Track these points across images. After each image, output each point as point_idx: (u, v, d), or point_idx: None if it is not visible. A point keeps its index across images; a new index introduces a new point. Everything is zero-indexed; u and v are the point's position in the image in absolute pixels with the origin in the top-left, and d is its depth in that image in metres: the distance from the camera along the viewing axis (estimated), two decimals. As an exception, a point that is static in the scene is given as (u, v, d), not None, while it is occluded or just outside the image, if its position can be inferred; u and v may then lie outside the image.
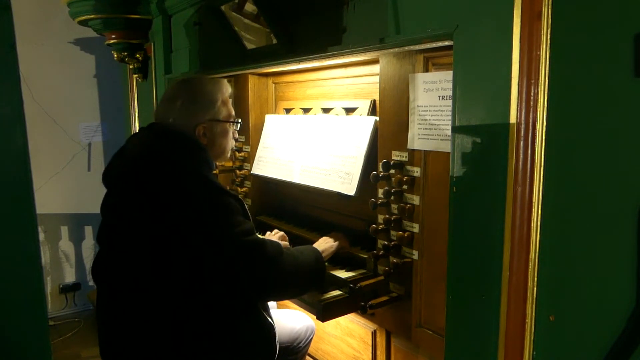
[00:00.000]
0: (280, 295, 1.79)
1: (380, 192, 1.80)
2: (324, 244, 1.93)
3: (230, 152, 1.85)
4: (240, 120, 1.87)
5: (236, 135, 1.87)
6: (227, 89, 1.80)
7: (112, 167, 1.71)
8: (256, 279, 1.56)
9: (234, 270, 1.53)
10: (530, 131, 1.15)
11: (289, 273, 1.62)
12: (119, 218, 1.64)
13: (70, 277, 4.32)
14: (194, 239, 1.49)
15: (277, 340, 1.78)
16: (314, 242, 1.97)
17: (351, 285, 1.77)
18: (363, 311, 1.75)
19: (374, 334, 2.06)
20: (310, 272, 1.72)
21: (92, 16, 3.04)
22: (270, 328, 1.73)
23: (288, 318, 2.11)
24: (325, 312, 1.79)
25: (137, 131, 1.82)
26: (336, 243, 1.96)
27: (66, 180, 4.18)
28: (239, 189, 2.70)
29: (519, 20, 1.15)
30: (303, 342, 2.09)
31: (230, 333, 1.61)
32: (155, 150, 1.61)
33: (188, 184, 1.54)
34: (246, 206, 1.66)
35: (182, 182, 1.54)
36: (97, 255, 1.72)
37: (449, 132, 1.45)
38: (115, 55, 3.35)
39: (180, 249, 1.51)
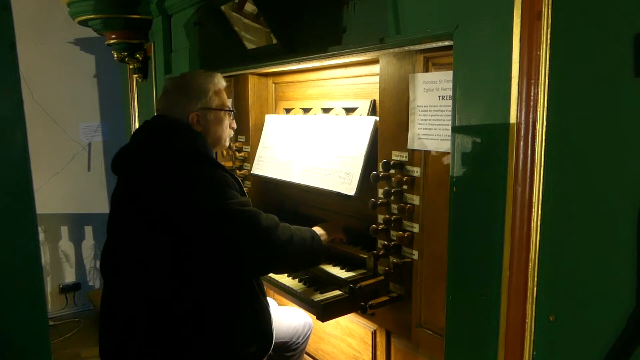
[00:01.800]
0: (276, 267, 1.79)
1: (380, 192, 1.80)
2: (320, 230, 1.96)
3: (227, 141, 1.94)
4: (234, 109, 1.95)
5: (233, 125, 1.95)
6: (220, 80, 1.89)
7: (119, 155, 1.80)
8: (253, 248, 1.59)
9: (230, 240, 1.56)
10: (530, 131, 1.15)
11: (284, 243, 1.65)
12: (123, 203, 1.72)
13: (70, 277, 4.32)
14: (190, 212, 1.55)
15: (273, 327, 1.81)
16: None
17: (351, 285, 1.77)
18: (363, 311, 1.75)
19: (374, 334, 2.06)
20: (308, 248, 1.76)
21: (92, 16, 3.04)
22: (266, 313, 1.77)
23: (286, 315, 2.13)
24: (325, 312, 1.79)
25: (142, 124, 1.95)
26: (328, 235, 1.98)
27: (66, 180, 4.18)
28: (239, 189, 2.70)
29: (519, 20, 1.15)
30: (301, 338, 2.11)
31: (227, 319, 1.64)
32: (154, 136, 1.73)
33: (183, 160, 1.63)
34: (242, 184, 1.74)
35: (177, 159, 1.63)
36: (105, 245, 1.78)
37: (449, 132, 1.45)
38: (115, 55, 3.35)
39: (178, 223, 1.56)
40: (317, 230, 1.93)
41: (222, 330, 1.63)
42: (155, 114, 1.85)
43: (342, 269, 1.96)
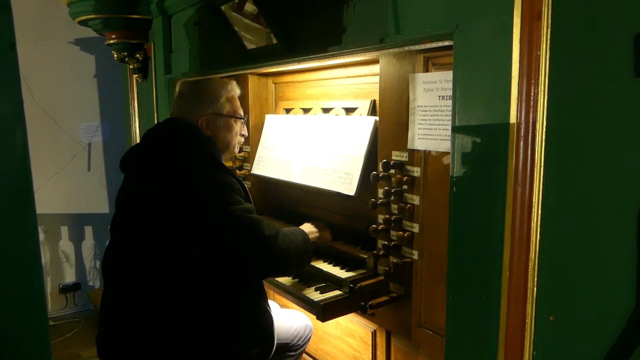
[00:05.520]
0: (275, 273, 1.83)
1: (380, 192, 1.80)
2: (309, 227, 1.99)
3: (236, 148, 1.96)
4: (244, 117, 1.97)
5: (244, 132, 1.97)
6: (233, 88, 1.92)
7: (129, 154, 1.83)
8: (254, 255, 1.60)
9: (232, 246, 1.56)
10: (530, 131, 1.15)
11: (284, 251, 1.67)
12: (128, 202, 1.73)
13: (70, 277, 4.32)
14: (195, 214, 1.55)
15: (275, 329, 1.82)
16: None
17: (351, 285, 1.78)
18: (363, 311, 1.75)
19: (374, 334, 2.06)
20: (302, 252, 1.78)
21: (92, 16, 3.03)
22: (268, 316, 1.78)
23: (287, 317, 2.14)
24: (325, 312, 1.79)
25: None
26: (319, 232, 2.01)
27: (66, 180, 4.18)
28: (239, 189, 2.70)
29: (519, 20, 1.15)
30: (302, 340, 2.12)
31: (230, 322, 1.64)
32: (164, 137, 1.76)
33: (191, 162, 1.64)
34: (247, 190, 1.74)
35: (185, 161, 1.64)
36: (108, 244, 1.78)
37: (449, 132, 1.45)
38: (115, 55, 3.35)
39: (183, 224, 1.56)
40: (308, 227, 1.97)
41: (224, 333, 1.63)
42: (169, 116, 1.88)
43: (342, 269, 1.96)
